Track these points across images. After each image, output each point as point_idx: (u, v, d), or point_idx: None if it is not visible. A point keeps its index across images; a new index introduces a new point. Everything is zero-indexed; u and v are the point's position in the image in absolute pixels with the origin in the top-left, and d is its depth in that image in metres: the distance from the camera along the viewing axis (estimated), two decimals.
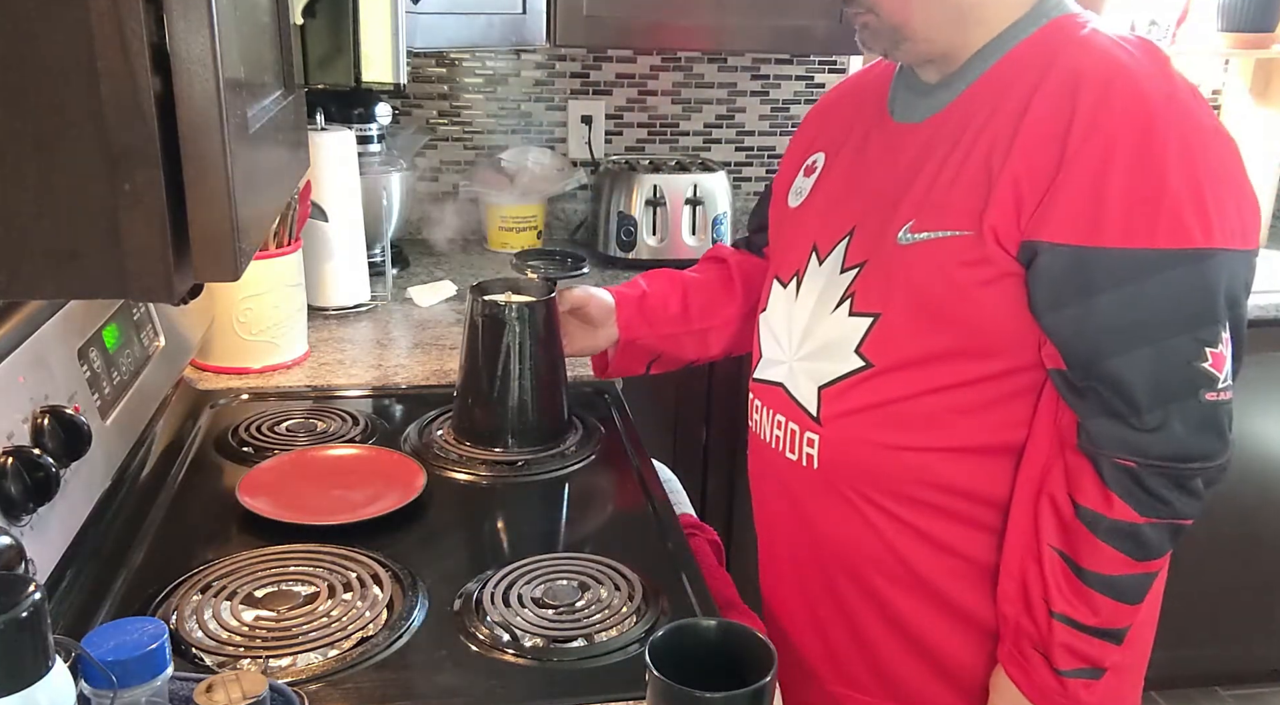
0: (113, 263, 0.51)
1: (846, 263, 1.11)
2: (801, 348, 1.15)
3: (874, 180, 1.12)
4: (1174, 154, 0.94)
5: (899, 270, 1.06)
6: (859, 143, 1.17)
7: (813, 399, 1.13)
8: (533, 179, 2.30)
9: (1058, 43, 1.02)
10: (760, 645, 0.74)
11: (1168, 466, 0.98)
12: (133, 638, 0.63)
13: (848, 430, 1.11)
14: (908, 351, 1.06)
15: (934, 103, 1.09)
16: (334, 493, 1.19)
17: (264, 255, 1.52)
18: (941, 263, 1.02)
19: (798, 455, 1.15)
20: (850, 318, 1.09)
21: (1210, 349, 0.97)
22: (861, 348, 1.08)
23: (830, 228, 1.15)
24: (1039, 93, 0.99)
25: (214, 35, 0.50)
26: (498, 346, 1.29)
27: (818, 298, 1.13)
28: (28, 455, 0.86)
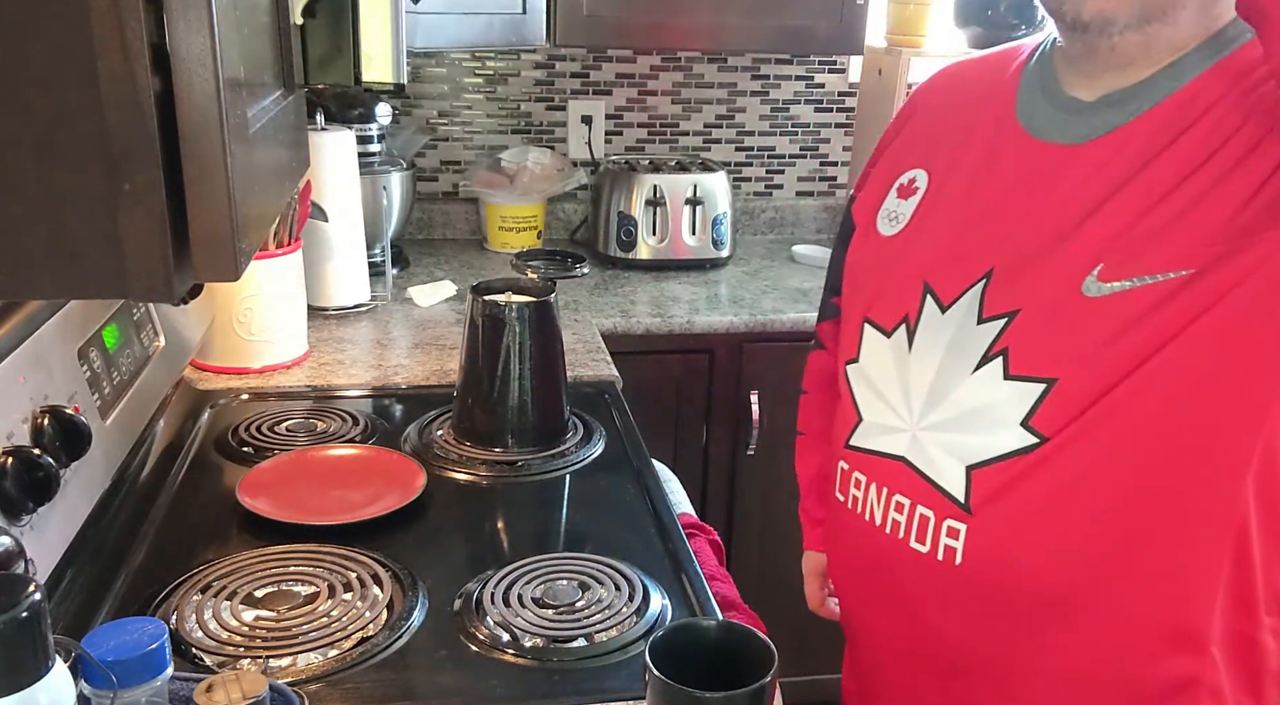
0: (113, 263, 0.51)
1: (986, 310, 0.92)
2: (930, 414, 0.95)
3: (1017, 209, 0.93)
4: None
5: (1085, 325, 0.87)
6: (983, 162, 0.98)
7: (959, 480, 0.92)
8: (533, 179, 2.30)
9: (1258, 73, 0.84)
10: (760, 645, 0.74)
11: None
12: (133, 638, 0.63)
13: (1011, 526, 0.90)
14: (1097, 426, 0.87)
15: (1100, 122, 0.91)
16: (334, 493, 1.19)
17: (264, 255, 1.52)
18: (1149, 313, 0.84)
19: (930, 547, 0.94)
20: (1007, 381, 0.90)
21: None
22: (1031, 420, 0.88)
23: (954, 264, 0.96)
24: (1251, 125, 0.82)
25: (214, 35, 0.50)
26: (498, 346, 1.29)
27: (946, 351, 0.94)
28: (28, 455, 0.86)
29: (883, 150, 1.12)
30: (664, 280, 2.17)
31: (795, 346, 1.98)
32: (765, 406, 1.98)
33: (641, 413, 1.51)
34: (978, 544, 0.92)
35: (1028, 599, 0.91)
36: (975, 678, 0.97)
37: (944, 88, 1.10)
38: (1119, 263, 0.85)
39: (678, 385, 1.98)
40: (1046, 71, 0.97)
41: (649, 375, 1.90)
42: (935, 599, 0.96)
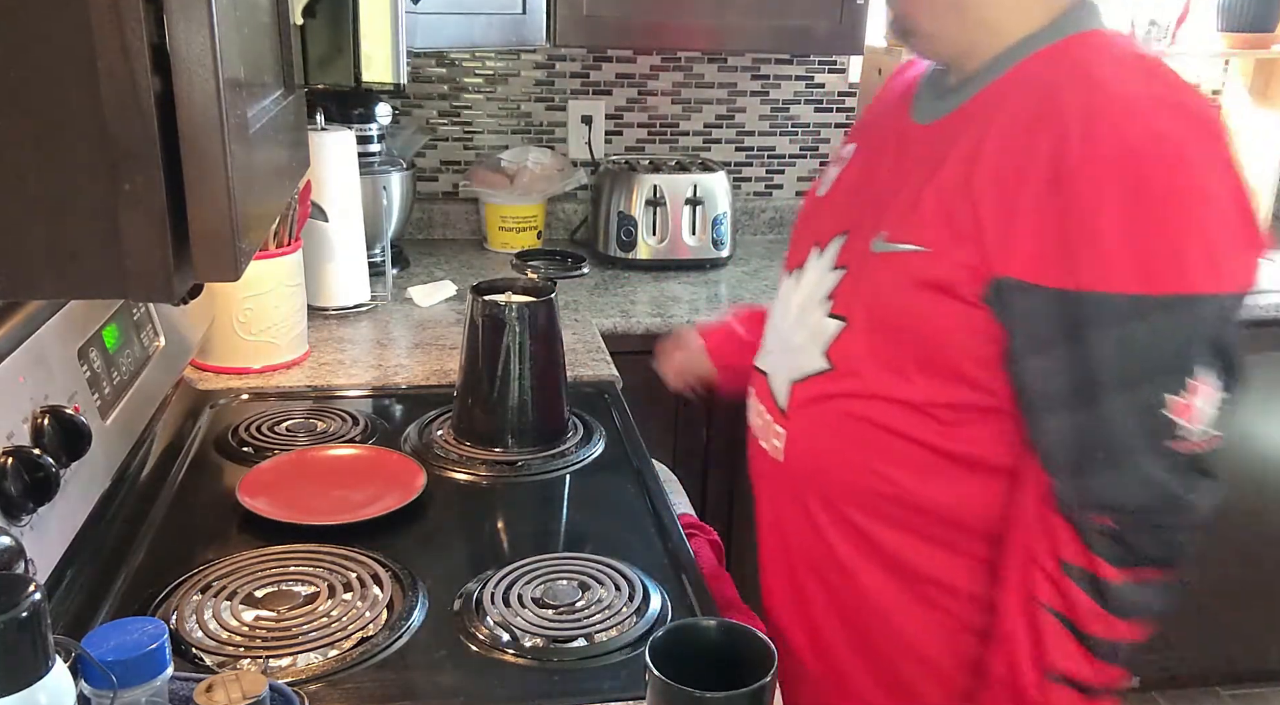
0: (113, 263, 0.51)
1: (837, 262, 1.10)
2: (786, 340, 1.15)
3: (877, 181, 1.10)
4: (1156, 198, 0.88)
5: (867, 278, 1.04)
6: (880, 140, 1.14)
7: (785, 392, 1.13)
8: (533, 179, 2.30)
9: (1067, 64, 0.95)
10: (760, 645, 0.74)
11: (1139, 521, 0.94)
12: (133, 638, 0.63)
13: (809, 431, 1.11)
14: (866, 359, 1.05)
15: (944, 106, 1.05)
16: (334, 493, 1.19)
17: (264, 255, 1.52)
18: (901, 277, 1.00)
19: (768, 446, 1.17)
20: (827, 318, 1.08)
21: (1174, 398, 0.92)
22: (828, 350, 1.08)
23: (831, 224, 1.13)
24: (1031, 118, 0.93)
25: (214, 35, 0.50)
26: (498, 346, 1.29)
27: (808, 293, 1.12)
28: (28, 455, 0.86)
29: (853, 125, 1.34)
30: (664, 280, 2.17)
31: None
32: None
33: (641, 413, 1.51)
34: (791, 445, 1.13)
35: (826, 497, 1.11)
36: (803, 561, 1.17)
37: (892, 79, 1.25)
38: (896, 229, 1.02)
39: None
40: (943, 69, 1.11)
41: (649, 375, 1.90)
42: (772, 488, 1.20)
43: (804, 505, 1.13)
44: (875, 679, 1.13)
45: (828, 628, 1.16)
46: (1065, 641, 0.97)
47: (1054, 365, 0.93)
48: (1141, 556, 0.95)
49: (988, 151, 0.95)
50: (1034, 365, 0.95)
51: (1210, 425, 0.94)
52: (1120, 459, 0.93)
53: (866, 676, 1.14)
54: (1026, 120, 0.93)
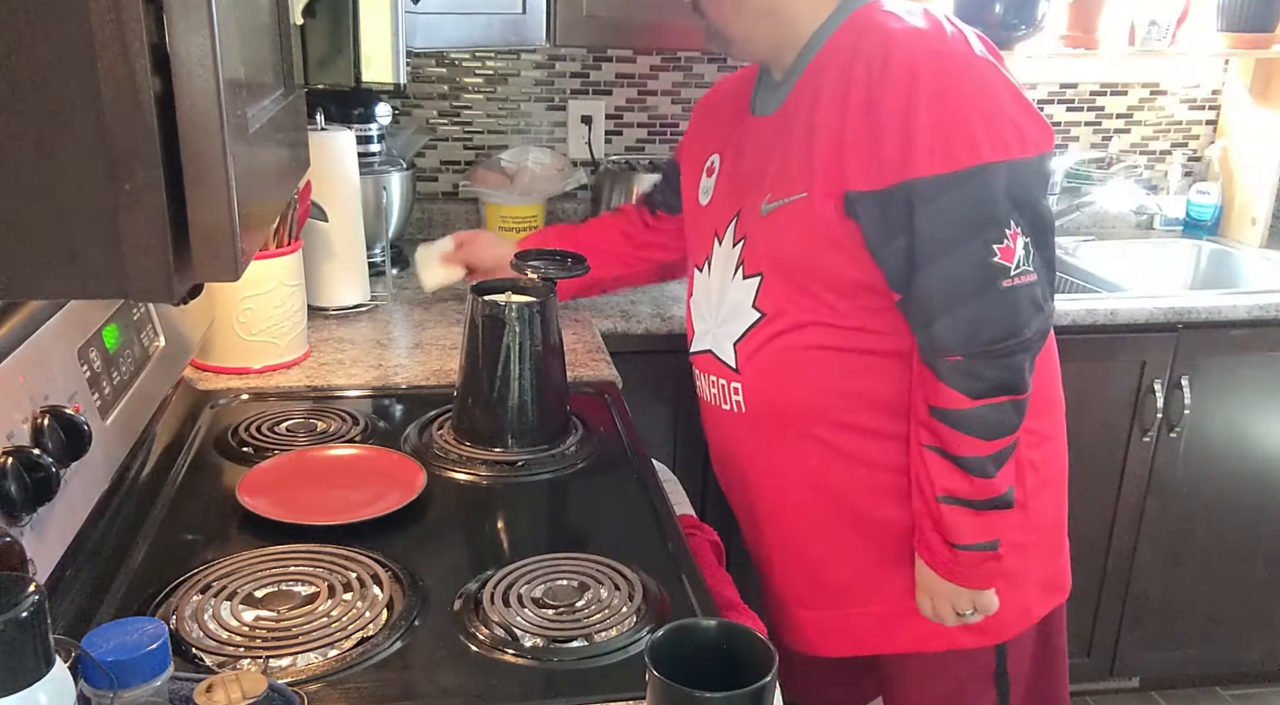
0: (113, 263, 0.51)
1: (736, 238, 1.33)
2: (716, 315, 1.37)
3: (745, 168, 1.34)
4: (939, 91, 1.13)
5: (764, 235, 1.28)
6: (736, 140, 1.38)
7: (730, 353, 1.34)
8: (533, 179, 2.30)
9: (860, 28, 1.22)
10: (760, 645, 0.74)
11: (986, 351, 1.17)
12: (133, 638, 0.63)
13: (760, 374, 1.31)
14: (787, 298, 1.27)
15: (779, 96, 1.30)
16: (334, 493, 1.19)
17: (264, 255, 1.52)
18: (787, 223, 1.24)
19: (730, 405, 1.37)
20: (744, 280, 1.31)
21: (997, 245, 1.15)
22: (756, 302, 1.30)
23: (723, 215, 1.37)
24: (843, 69, 1.19)
25: (214, 35, 0.50)
26: (498, 346, 1.29)
27: (721, 271, 1.35)
28: (28, 455, 0.86)
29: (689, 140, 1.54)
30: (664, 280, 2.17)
31: None
32: None
33: (641, 413, 1.51)
34: (749, 395, 1.33)
35: (784, 424, 1.31)
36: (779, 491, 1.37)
37: (724, 91, 1.50)
38: (775, 188, 1.26)
39: (678, 385, 1.97)
40: (765, 66, 1.36)
41: (649, 375, 1.90)
42: (736, 439, 1.39)
43: (771, 440, 1.33)
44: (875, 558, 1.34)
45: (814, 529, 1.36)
46: (944, 468, 1.21)
47: (901, 243, 1.17)
48: (990, 384, 1.18)
49: (820, 107, 1.21)
50: (890, 248, 1.18)
51: (1027, 264, 1.17)
52: (961, 303, 1.16)
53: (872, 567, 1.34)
54: (840, 72, 1.20)
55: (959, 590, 1.26)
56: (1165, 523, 2.22)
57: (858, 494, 1.31)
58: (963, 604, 1.27)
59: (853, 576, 1.34)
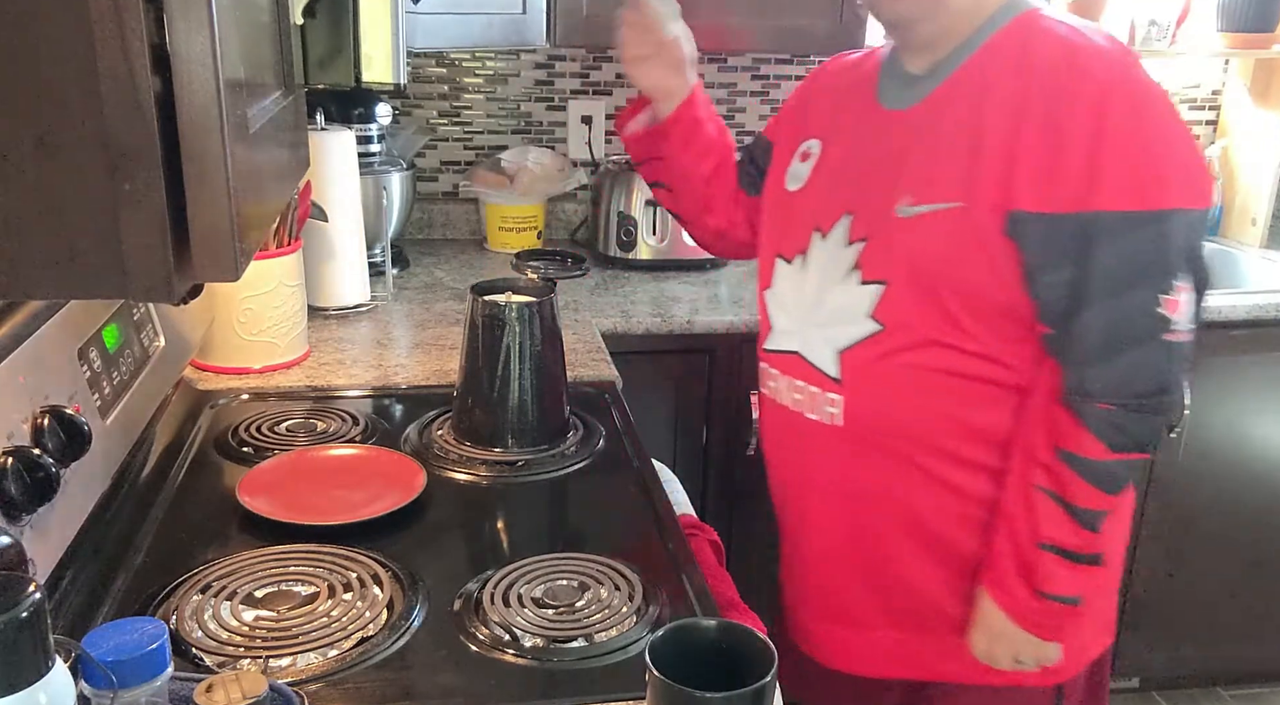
0: (113, 263, 0.51)
1: (851, 237, 1.21)
2: (813, 316, 1.25)
3: (867, 163, 1.23)
4: (1133, 124, 1.06)
5: (899, 241, 1.16)
6: (852, 130, 1.27)
7: (832, 362, 1.23)
8: (533, 179, 2.30)
9: (1027, 33, 1.13)
10: (760, 645, 0.74)
11: (1136, 404, 1.11)
12: (133, 638, 0.63)
13: (869, 390, 1.21)
14: (915, 313, 1.17)
15: (919, 91, 1.20)
16: (334, 493, 1.19)
17: (264, 255, 1.52)
18: (936, 232, 1.14)
19: (819, 415, 1.26)
20: (861, 286, 1.19)
21: (1167, 297, 1.08)
22: (874, 312, 1.19)
23: (829, 209, 1.25)
24: (1017, 78, 1.10)
25: (214, 35, 0.50)
26: (498, 347, 1.29)
27: (824, 270, 1.24)
28: (28, 455, 0.86)
29: (786, 122, 1.42)
30: (664, 280, 2.17)
31: None
32: None
33: (641, 413, 1.51)
34: (850, 409, 1.23)
35: (883, 443, 1.22)
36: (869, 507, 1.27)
37: (836, 72, 1.39)
38: (919, 191, 1.15)
39: (678, 385, 1.98)
40: (895, 56, 1.26)
41: (649, 375, 1.90)
42: (819, 449, 1.28)
43: (865, 457, 1.24)
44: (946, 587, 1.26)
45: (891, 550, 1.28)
46: (1056, 515, 1.14)
47: (1069, 276, 1.09)
48: (1132, 439, 1.12)
49: (985, 113, 1.11)
50: (1053, 278, 1.10)
51: (1190, 320, 1.11)
52: (1123, 350, 1.10)
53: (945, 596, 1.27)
54: (1013, 81, 1.11)
55: (1029, 639, 1.19)
56: (1165, 523, 2.22)
57: (944, 522, 1.24)
58: (1026, 653, 1.21)
59: (922, 602, 1.28)
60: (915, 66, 1.21)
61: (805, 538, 1.36)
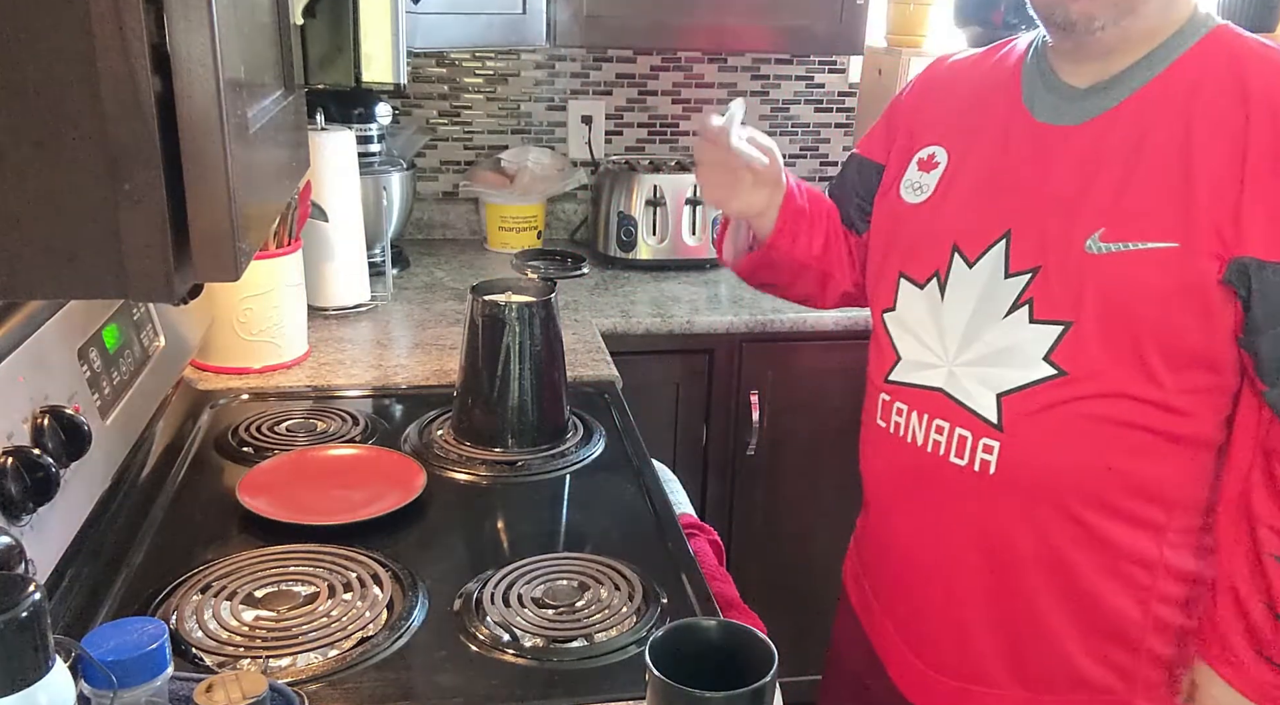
0: (113, 263, 0.51)
1: (1011, 267, 1.09)
2: (964, 352, 1.13)
3: (1029, 182, 1.10)
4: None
5: (1091, 279, 1.04)
6: (997, 141, 1.14)
7: (990, 405, 1.11)
8: (533, 179, 2.30)
9: (1232, 53, 1.04)
10: (760, 645, 0.74)
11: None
12: (133, 638, 0.63)
13: (1037, 439, 1.10)
14: (1105, 360, 1.05)
15: (1092, 106, 1.08)
16: (334, 493, 1.19)
17: (264, 255, 1.53)
18: (1143, 274, 1.02)
19: (968, 460, 1.14)
20: (1032, 324, 1.08)
21: None
22: (1052, 356, 1.07)
23: (977, 229, 1.13)
24: (1234, 108, 1.00)
25: (214, 35, 0.50)
26: (498, 346, 1.29)
27: (977, 301, 1.12)
28: (28, 455, 0.86)
29: (893, 118, 1.29)
30: (664, 280, 2.17)
31: (795, 346, 1.99)
32: (765, 406, 1.98)
33: (641, 413, 1.51)
34: (1009, 456, 1.11)
35: (1053, 497, 1.11)
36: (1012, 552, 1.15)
37: (948, 76, 1.26)
38: (1117, 227, 1.03)
39: (678, 385, 1.98)
40: (1043, 63, 1.13)
41: (649, 375, 1.90)
42: (973, 502, 1.15)
43: (1015, 510, 1.13)
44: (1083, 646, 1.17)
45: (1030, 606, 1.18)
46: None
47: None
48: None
49: (1198, 140, 1.01)
50: (1275, 332, 1.01)
51: None
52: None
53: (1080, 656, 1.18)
54: (1232, 110, 1.00)
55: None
56: None
57: (1095, 578, 1.14)
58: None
59: (1058, 663, 1.18)
60: (1078, 78, 1.09)
61: (929, 584, 1.24)
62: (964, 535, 1.18)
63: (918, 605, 1.26)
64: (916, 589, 1.26)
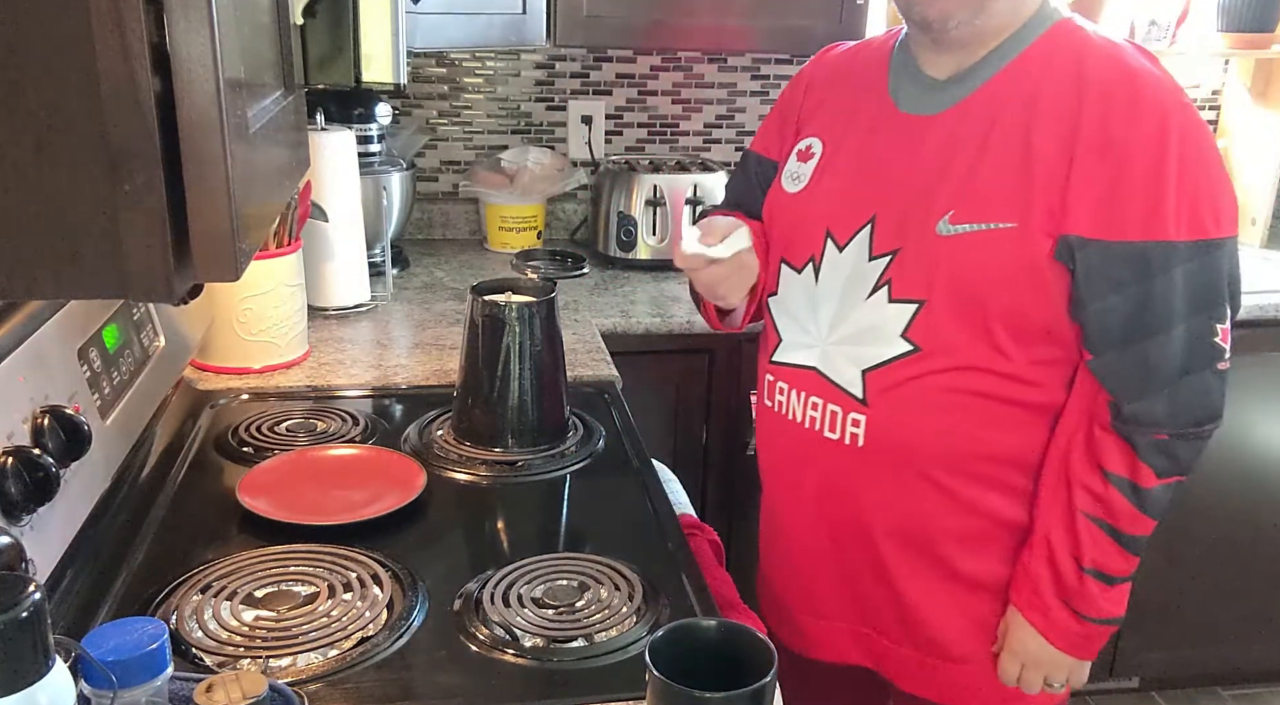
0: (113, 263, 0.51)
1: (874, 250, 1.16)
2: (834, 332, 1.19)
3: (892, 170, 1.16)
4: (1191, 154, 1.04)
5: (942, 259, 1.11)
6: (865, 132, 1.20)
7: (856, 381, 1.18)
8: (533, 179, 2.30)
9: (1073, 45, 1.10)
10: (760, 645, 0.74)
11: (1190, 431, 1.10)
12: (133, 638, 0.63)
13: (897, 412, 1.16)
14: (955, 336, 1.12)
15: (949, 96, 1.14)
16: (334, 493, 1.19)
17: (264, 255, 1.52)
18: (986, 253, 1.09)
19: (839, 434, 1.20)
20: (891, 304, 1.14)
21: (1220, 326, 1.09)
22: (908, 332, 1.14)
23: (846, 215, 1.19)
24: (1070, 97, 1.07)
25: (214, 35, 0.50)
26: (498, 346, 1.29)
27: (845, 283, 1.18)
28: (28, 455, 0.86)
29: (783, 111, 1.33)
30: (664, 280, 2.17)
31: None
32: None
33: (641, 413, 1.51)
34: (874, 429, 1.18)
35: (915, 466, 1.18)
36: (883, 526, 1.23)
37: (832, 67, 1.31)
38: (964, 209, 1.10)
39: (678, 385, 1.98)
40: (908, 56, 1.20)
41: (649, 375, 1.90)
42: (847, 473, 1.22)
43: (882, 480, 1.20)
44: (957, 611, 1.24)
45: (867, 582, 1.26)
46: (1102, 541, 1.13)
47: (1124, 305, 1.07)
48: (1181, 465, 1.11)
49: (1038, 130, 1.07)
50: (1104, 305, 1.07)
51: (1228, 348, 1.11)
52: (1182, 379, 1.08)
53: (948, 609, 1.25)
54: (1068, 98, 1.07)
55: (1066, 661, 1.19)
56: (1164, 523, 2.21)
57: (964, 542, 1.21)
58: (1061, 675, 1.21)
59: (941, 626, 1.25)
60: (937, 70, 1.16)
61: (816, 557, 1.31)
62: (842, 508, 1.25)
63: (805, 581, 1.34)
64: (804, 564, 1.33)
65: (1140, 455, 1.10)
